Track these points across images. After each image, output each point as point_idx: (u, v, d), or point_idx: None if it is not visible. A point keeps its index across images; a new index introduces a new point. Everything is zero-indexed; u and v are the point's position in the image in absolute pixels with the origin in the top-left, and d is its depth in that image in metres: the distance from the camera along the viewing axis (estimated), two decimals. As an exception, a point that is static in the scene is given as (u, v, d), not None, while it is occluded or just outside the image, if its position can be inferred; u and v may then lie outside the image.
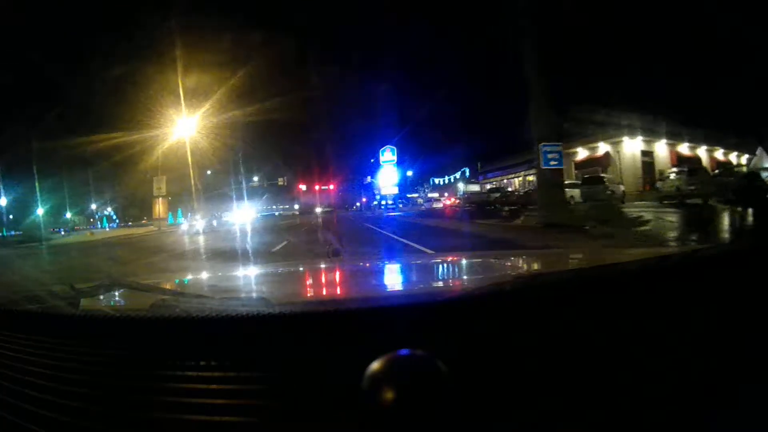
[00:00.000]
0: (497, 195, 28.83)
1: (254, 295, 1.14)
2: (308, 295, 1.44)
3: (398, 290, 1.40)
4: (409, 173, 60.47)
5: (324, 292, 1.51)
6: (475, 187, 56.06)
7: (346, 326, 0.68)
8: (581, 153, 29.07)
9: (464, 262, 1.98)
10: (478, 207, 28.47)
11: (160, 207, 41.84)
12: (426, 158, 62.63)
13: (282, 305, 0.86)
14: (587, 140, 28.03)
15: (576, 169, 29.13)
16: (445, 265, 1.97)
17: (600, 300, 0.72)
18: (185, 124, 35.09)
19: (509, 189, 30.98)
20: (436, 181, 66.14)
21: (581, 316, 0.68)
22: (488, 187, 39.79)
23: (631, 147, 26.66)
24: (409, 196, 63.03)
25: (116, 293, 1.12)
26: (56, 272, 8.11)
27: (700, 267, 0.80)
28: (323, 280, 1.75)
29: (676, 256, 0.98)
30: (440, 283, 1.50)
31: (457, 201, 38.38)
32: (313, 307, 0.87)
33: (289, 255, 8.85)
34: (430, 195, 68.50)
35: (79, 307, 0.91)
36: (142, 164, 35.26)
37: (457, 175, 58.68)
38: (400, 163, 51.98)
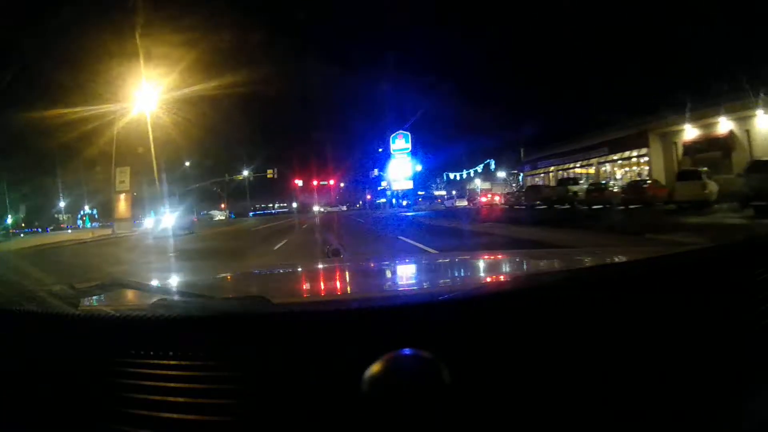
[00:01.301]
0: (576, 188, 20.47)
1: (254, 294, 1.03)
2: (308, 294, 1.43)
3: (398, 290, 1.39)
4: (418, 168, 51.90)
5: (324, 292, 1.46)
6: (485, 185, 48.48)
7: (346, 326, 0.68)
8: (690, 131, 20.77)
9: (465, 261, 1.96)
10: (548, 206, 20.30)
11: (122, 204, 33.67)
12: (437, 151, 53.85)
13: (282, 305, 0.87)
14: (700, 113, 19.79)
15: (685, 153, 20.95)
16: (445, 264, 1.95)
17: (601, 300, 0.71)
18: (151, 100, 27.24)
19: (581, 181, 22.49)
20: (451, 176, 57.61)
21: (582, 317, 0.68)
22: (535, 180, 31.52)
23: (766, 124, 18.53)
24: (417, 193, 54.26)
25: (116, 293, 1.11)
26: None
27: (701, 267, 0.81)
28: (323, 279, 1.71)
29: (677, 256, 0.98)
30: (441, 283, 1.49)
31: (503, 198, 30.24)
32: (313, 306, 0.89)
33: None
34: (436, 193, 60.62)
35: (78, 306, 0.89)
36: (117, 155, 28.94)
37: (479, 168, 50.66)
38: (414, 153, 43.64)
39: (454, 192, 55.51)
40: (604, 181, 21.84)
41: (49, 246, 16.58)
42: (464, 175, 54.60)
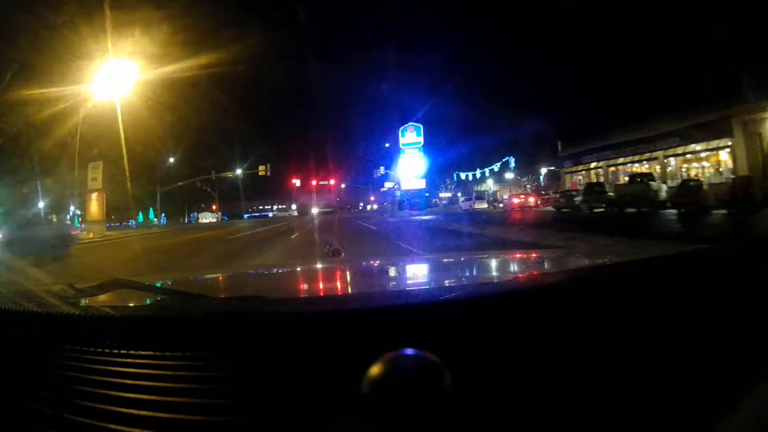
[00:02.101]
0: (655, 186, 15.99)
1: (254, 294, 1.04)
2: (308, 294, 1.41)
3: (398, 290, 1.37)
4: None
5: (323, 291, 1.45)
6: (497, 186, 43.96)
7: (346, 326, 0.68)
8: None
9: (465, 262, 1.94)
10: (608, 209, 15.89)
11: (94, 205, 29.36)
12: (446, 148, 48.66)
13: (281, 304, 0.88)
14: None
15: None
16: (445, 265, 1.92)
17: (601, 300, 0.72)
18: (124, 84, 23.07)
19: (651, 178, 17.92)
20: (462, 176, 52.88)
21: (582, 316, 0.68)
22: (573, 179, 27.02)
23: None
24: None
25: (116, 293, 1.11)
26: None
27: (701, 267, 0.81)
28: (323, 279, 1.69)
29: (677, 257, 0.98)
30: (440, 283, 1.46)
31: (540, 199, 25.74)
32: (312, 306, 0.88)
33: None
34: (442, 194, 56.19)
35: (78, 306, 0.90)
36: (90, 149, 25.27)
37: (495, 167, 46.00)
38: (425, 149, 39.05)
39: (459, 194, 51.09)
40: (689, 178, 17.39)
41: None
42: (478, 175, 49.98)
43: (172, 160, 36.23)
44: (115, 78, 22.72)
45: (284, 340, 0.67)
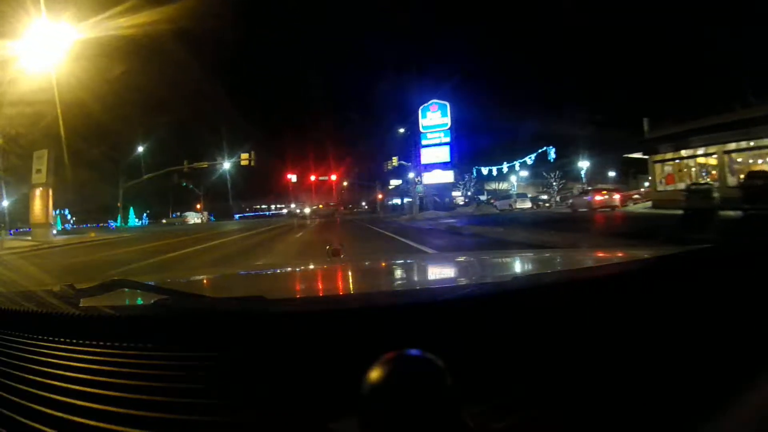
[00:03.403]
0: None
1: (253, 294, 1.03)
2: (307, 294, 1.42)
3: (397, 290, 1.36)
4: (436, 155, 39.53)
5: (323, 291, 1.47)
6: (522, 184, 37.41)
7: (345, 326, 0.69)
8: None
9: (465, 261, 1.95)
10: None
11: (37, 203, 22.99)
12: (467, 138, 41.73)
13: (281, 305, 0.88)
14: None
15: None
16: (445, 264, 1.96)
17: (602, 299, 0.73)
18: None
19: None
20: (484, 171, 46.06)
21: (583, 316, 0.69)
22: (665, 170, 20.56)
23: None
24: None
25: (116, 293, 1.10)
26: None
27: (700, 267, 0.81)
28: (323, 279, 1.71)
29: (676, 257, 0.98)
30: (441, 283, 1.48)
31: (625, 196, 19.59)
32: (312, 306, 0.89)
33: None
34: (453, 193, 49.67)
35: (78, 306, 0.90)
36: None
37: (528, 159, 39.52)
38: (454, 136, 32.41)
39: (470, 192, 44.74)
40: None
41: None
42: (505, 170, 43.40)
43: (141, 149, 29.64)
44: (57, 41, 16.38)
45: (284, 340, 0.67)
